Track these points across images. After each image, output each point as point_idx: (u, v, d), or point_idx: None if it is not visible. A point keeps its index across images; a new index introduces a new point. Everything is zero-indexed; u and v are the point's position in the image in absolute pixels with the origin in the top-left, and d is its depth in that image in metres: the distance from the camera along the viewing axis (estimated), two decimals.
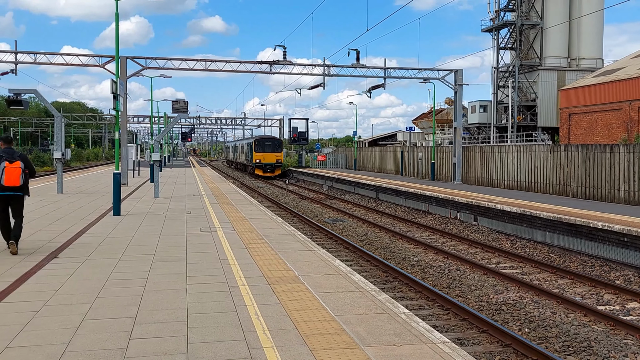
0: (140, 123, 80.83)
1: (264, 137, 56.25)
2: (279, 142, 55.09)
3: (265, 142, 53.37)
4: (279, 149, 53.41)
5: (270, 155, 52.34)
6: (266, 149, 52.47)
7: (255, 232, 12.94)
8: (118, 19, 16.76)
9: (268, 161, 52.21)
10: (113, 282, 8.10)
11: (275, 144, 53.44)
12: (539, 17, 53.62)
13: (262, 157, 52.12)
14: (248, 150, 56.37)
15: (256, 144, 52.68)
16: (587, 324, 9.49)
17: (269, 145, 52.85)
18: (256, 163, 52.16)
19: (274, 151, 52.65)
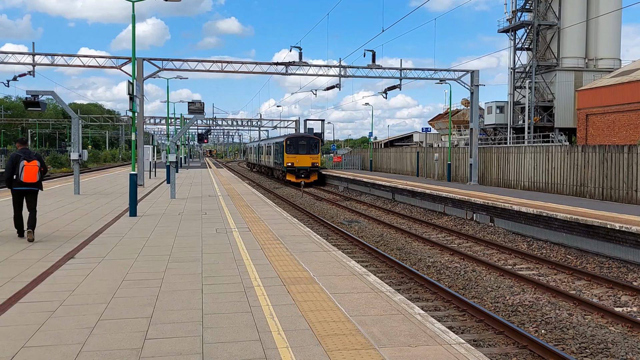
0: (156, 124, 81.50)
1: (298, 135, 46.96)
2: (316, 141, 45.25)
3: (299, 141, 44.53)
4: (316, 150, 44.39)
5: (304, 157, 43.74)
6: (300, 149, 43.91)
7: (270, 232, 12.97)
8: (135, 21, 16.92)
9: (302, 164, 43.58)
10: (129, 283, 8.17)
11: (311, 144, 44.46)
12: (556, 17, 53.10)
13: (295, 160, 43.33)
14: (277, 151, 47.23)
15: (288, 143, 43.92)
16: (604, 326, 9.37)
17: (303, 146, 44.17)
18: (287, 167, 43.49)
19: (310, 152, 43.98)
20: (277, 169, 48.39)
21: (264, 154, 58.01)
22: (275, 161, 48.30)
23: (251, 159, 74.53)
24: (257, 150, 65.97)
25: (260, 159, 61.27)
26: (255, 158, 68.39)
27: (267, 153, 54.49)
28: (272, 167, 51.18)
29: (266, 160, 55.78)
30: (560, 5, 52.94)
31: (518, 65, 55.00)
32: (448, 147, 36.79)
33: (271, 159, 51.59)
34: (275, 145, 48.29)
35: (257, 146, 66.82)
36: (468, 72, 33.06)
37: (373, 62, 32.52)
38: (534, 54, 52.61)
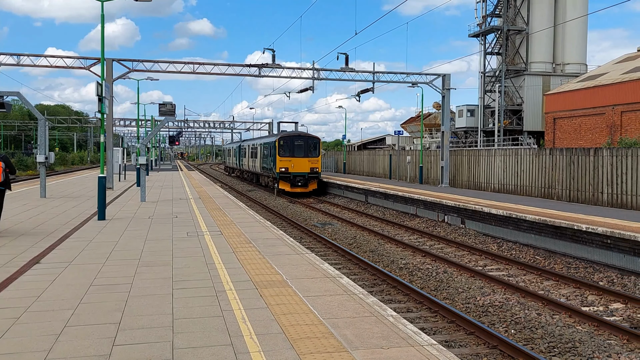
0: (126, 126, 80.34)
1: (294, 134, 37.94)
2: (316, 141, 37.09)
3: (294, 141, 36.37)
4: (315, 152, 36.68)
5: (302, 161, 35.73)
6: (296, 151, 35.95)
7: (243, 236, 12.87)
8: (104, 21, 16.64)
9: (299, 170, 35.55)
10: (97, 288, 8.00)
11: (310, 145, 36.51)
12: (525, 22, 54.14)
13: (290, 164, 35.51)
14: (266, 153, 39.27)
15: (281, 144, 35.90)
16: (572, 325, 9.54)
17: (300, 147, 36.17)
18: (281, 173, 35.49)
19: (308, 155, 36.08)
20: (265, 175, 40.40)
21: (247, 157, 48.94)
22: (264, 166, 39.78)
23: (230, 163, 65.15)
24: (238, 152, 56.15)
25: (243, 163, 52.18)
26: (235, 162, 58.85)
27: (252, 156, 45.74)
28: (259, 172, 42.56)
29: (251, 165, 46.89)
30: (529, 11, 54.00)
31: (488, 70, 55.88)
32: (420, 150, 37.14)
33: (257, 163, 43.04)
34: (264, 146, 39.76)
35: (237, 148, 56.73)
36: (439, 76, 33.44)
37: (346, 65, 32.64)
38: (504, 59, 53.51)
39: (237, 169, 57.57)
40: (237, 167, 56.87)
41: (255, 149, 44.17)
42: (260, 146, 42.11)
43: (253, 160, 45.46)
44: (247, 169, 49.70)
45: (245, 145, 51.43)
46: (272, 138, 38.78)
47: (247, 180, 50.92)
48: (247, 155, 49.23)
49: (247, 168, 49.43)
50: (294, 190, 35.04)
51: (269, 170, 38.24)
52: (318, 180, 36.67)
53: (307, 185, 35.58)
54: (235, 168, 59.96)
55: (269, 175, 38.67)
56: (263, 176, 41.88)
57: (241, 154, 53.57)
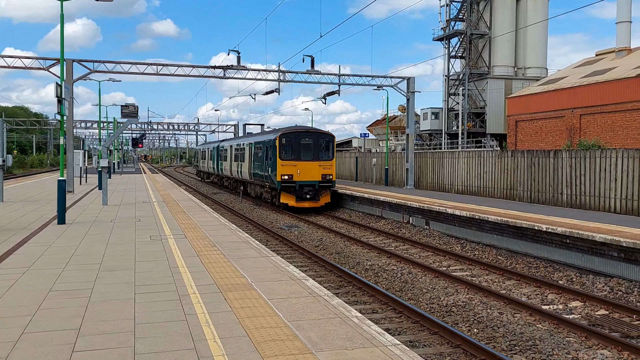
0: (88, 128, 78.66)
1: (300, 130, 28.62)
2: (329, 138, 28.37)
3: (301, 138, 27.54)
4: (329, 154, 27.82)
5: (311, 166, 27.21)
6: (304, 152, 27.37)
7: (207, 239, 12.75)
8: (63, 21, 16.28)
9: (308, 178, 27.01)
10: (56, 293, 7.81)
11: (321, 144, 27.76)
12: (487, 27, 55.23)
13: (296, 170, 26.92)
14: (260, 155, 30.04)
15: (283, 142, 27.23)
16: (532, 323, 9.76)
17: (308, 146, 27.53)
18: (284, 182, 26.77)
19: (320, 157, 27.49)
20: (257, 184, 31.41)
21: (230, 160, 39.16)
22: (256, 172, 30.73)
23: (205, 167, 54.05)
24: (216, 154, 45.91)
25: (223, 168, 42.21)
26: (212, 166, 47.89)
27: (237, 159, 36.44)
28: (248, 180, 33.47)
29: (235, 170, 37.18)
30: (491, 16, 55.13)
31: (452, 73, 56.78)
32: (385, 152, 37.45)
33: (245, 169, 33.82)
34: (257, 146, 30.87)
35: (216, 149, 46.11)
36: (404, 79, 33.81)
37: (312, 67, 32.70)
38: (467, 62, 54.48)
39: (214, 174, 47.98)
40: (215, 172, 46.99)
41: (242, 150, 34.86)
42: (249, 146, 32.76)
43: (238, 165, 36.15)
44: (229, 175, 40.01)
45: (226, 146, 41.42)
46: (268, 135, 29.39)
47: (229, 188, 41.68)
48: (229, 158, 39.55)
49: (229, 174, 39.71)
50: (301, 205, 26.49)
51: (264, 178, 28.89)
52: (331, 188, 27.65)
53: (317, 197, 26.67)
54: (211, 173, 50.64)
55: (263, 184, 29.49)
56: (254, 185, 32.40)
57: (220, 157, 43.60)
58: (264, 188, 30.35)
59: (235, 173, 37.16)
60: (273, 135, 28.27)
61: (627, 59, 40.52)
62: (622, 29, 42.53)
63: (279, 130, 29.44)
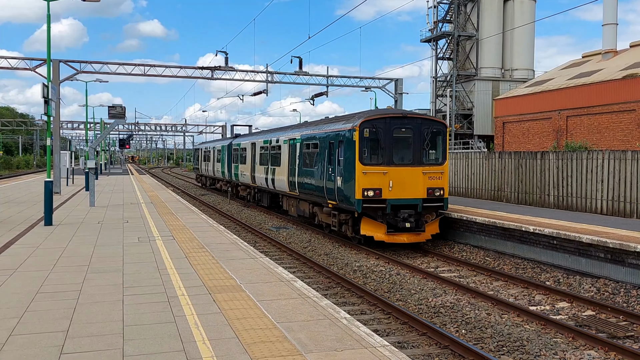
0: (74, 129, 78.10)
1: (392, 113, 17.66)
2: (439, 128, 17.39)
3: (393, 127, 16.75)
4: (438, 154, 17.44)
5: (412, 174, 16.72)
6: (399, 152, 16.86)
7: (195, 240, 12.71)
8: (50, 21, 16.15)
9: (406, 194, 16.59)
10: (44, 295, 7.75)
11: (424, 137, 16.98)
12: (475, 29, 55.60)
13: (387, 182, 16.37)
14: (319, 157, 19.12)
15: (367, 134, 16.47)
16: (520, 324, 9.84)
17: (405, 142, 16.96)
18: (366, 201, 16.18)
19: (425, 161, 17.07)
20: (309, 201, 20.61)
21: (252, 164, 28.46)
22: (306, 182, 20.20)
23: (210, 171, 41.99)
24: (228, 155, 34.88)
25: (240, 174, 31.41)
26: (221, 170, 36.87)
27: (267, 161, 25.38)
28: (290, 193, 22.39)
29: (262, 178, 26.29)
30: (479, 18, 55.50)
31: (440, 75, 57.08)
32: None
33: (282, 176, 23.06)
34: (309, 142, 20.22)
35: (227, 147, 35.21)
36: (392, 81, 33.94)
37: (300, 68, 32.74)
38: (455, 64, 54.79)
39: (224, 180, 37.14)
40: (225, 177, 36.15)
41: (276, 148, 24.16)
42: (291, 144, 22.21)
43: (268, 170, 25.23)
44: (248, 183, 29.72)
45: (244, 143, 30.68)
46: (333, 125, 18.51)
47: (247, 199, 31.31)
48: (250, 161, 28.79)
49: (249, 181, 29.30)
50: (396, 240, 16.33)
51: (323, 192, 18.26)
52: (442, 209, 17.41)
53: (421, 226, 16.62)
54: (217, 179, 39.99)
55: (320, 201, 18.82)
56: (298, 201, 21.88)
57: (235, 158, 32.91)
58: (320, 208, 19.42)
59: (262, 181, 26.19)
60: (344, 123, 17.42)
61: (613, 61, 40.99)
62: (609, 31, 43.02)
63: (355, 115, 17.69)
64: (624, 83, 34.92)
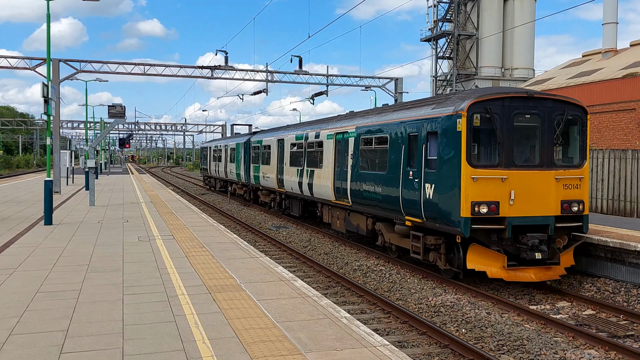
0: (74, 129, 78.14)
1: (511, 92, 11.85)
2: (576, 114, 12.11)
3: (515, 113, 11.54)
4: (576, 151, 12.30)
5: (539, 180, 11.58)
6: (521, 149, 11.92)
7: (195, 240, 12.70)
8: (49, 20, 16.14)
9: (533, 211, 11.48)
10: (43, 295, 7.74)
11: (554, 126, 11.82)
12: (475, 28, 55.58)
13: (508, 192, 11.27)
14: (389, 156, 13.89)
15: (477, 122, 11.25)
16: (520, 323, 9.83)
17: (530, 133, 11.96)
18: (476, 219, 11.15)
19: (557, 162, 12.06)
20: (371, 215, 15.51)
21: (279, 164, 23.76)
22: (373, 191, 14.80)
23: (221, 172, 36.67)
24: (245, 153, 29.75)
25: (262, 176, 26.24)
26: (236, 172, 31.77)
27: (301, 161, 20.96)
28: (335, 202, 17.74)
29: (294, 182, 21.70)
30: (479, 17, 55.49)
31: (440, 74, 57.08)
32: None
33: (326, 181, 18.40)
34: (374, 136, 15.05)
35: (244, 145, 30.10)
36: (392, 80, 33.93)
37: (300, 67, 32.73)
38: (455, 63, 54.79)
39: (239, 183, 32.15)
40: (241, 180, 30.98)
41: (315, 145, 19.63)
42: (339, 139, 17.59)
43: (299, 173, 20.83)
44: (272, 187, 24.74)
45: (266, 141, 25.88)
46: (419, 109, 13.29)
47: (270, 206, 26.42)
48: (276, 161, 23.89)
49: (273, 185, 24.33)
50: (520, 276, 11.70)
51: (400, 204, 13.46)
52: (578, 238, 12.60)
53: (553, 255, 11.89)
54: (230, 181, 34.79)
55: (390, 216, 14.24)
56: (350, 213, 17.07)
57: (253, 158, 28.05)
58: (387, 225, 14.69)
59: (293, 186, 21.41)
60: (435, 107, 12.51)
61: (613, 60, 40.97)
62: (609, 30, 43.00)
63: (451, 96, 12.61)
64: (625, 82, 34.93)
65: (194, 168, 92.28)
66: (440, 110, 12.07)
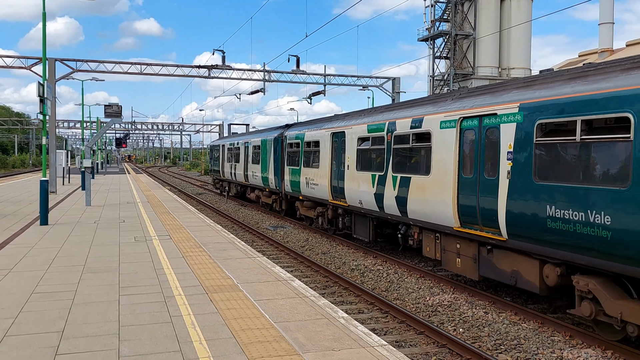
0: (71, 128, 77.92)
1: None
2: None
3: None
4: None
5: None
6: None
7: (192, 240, 12.66)
8: (45, 18, 16.07)
9: None
10: (39, 295, 7.70)
11: None
12: (472, 27, 55.61)
13: None
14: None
15: None
16: (517, 323, 9.82)
17: None
18: None
19: None
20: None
21: (355, 167, 15.86)
22: None
23: (241, 176, 30.27)
24: (288, 151, 22.29)
25: (306, 183, 19.93)
26: (268, 176, 24.88)
27: (405, 164, 13.33)
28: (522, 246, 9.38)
29: (389, 193, 13.71)
30: (476, 16, 55.53)
31: (437, 74, 57.08)
32: None
33: (448, 199, 11.19)
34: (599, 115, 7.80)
35: (273, 142, 24.40)
36: (389, 80, 33.93)
37: (297, 67, 32.70)
38: (452, 63, 54.81)
39: (267, 190, 25.55)
40: (272, 186, 24.38)
41: (420, 139, 12.65)
42: (473, 131, 10.73)
43: (379, 182, 14.39)
44: (324, 199, 18.44)
45: (311, 136, 19.72)
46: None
47: (336, 229, 18.92)
48: (331, 163, 17.91)
49: (324, 196, 18.36)
50: None
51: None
52: None
53: None
54: (254, 187, 28.02)
55: None
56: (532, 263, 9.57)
57: (290, 158, 21.96)
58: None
59: (364, 198, 15.25)
60: None
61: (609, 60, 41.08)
62: (605, 30, 43.09)
63: None
64: None
65: (191, 168, 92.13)
66: None
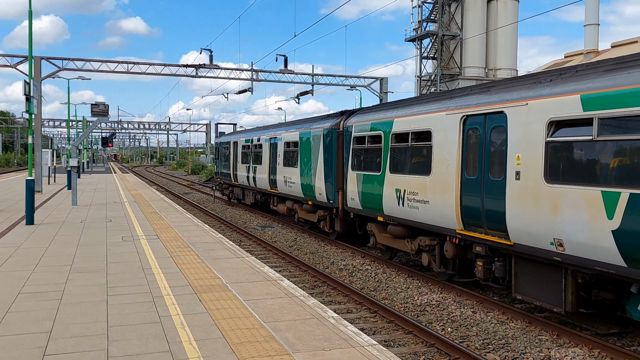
0: (56, 127, 77.20)
1: None
2: None
3: None
4: None
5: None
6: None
7: (180, 240, 12.60)
8: (31, 17, 15.90)
9: None
10: (26, 296, 7.62)
11: None
12: (459, 28, 55.95)
13: None
14: None
15: None
16: (505, 322, 9.89)
17: None
18: None
19: None
20: None
21: (526, 175, 8.73)
22: None
23: (263, 181, 23.31)
24: (324, 149, 16.81)
25: (394, 198, 12.68)
26: (308, 182, 18.12)
27: None
28: None
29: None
30: (463, 17, 55.87)
31: (424, 74, 57.35)
32: None
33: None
34: None
35: (327, 134, 16.64)
36: (377, 80, 34.02)
37: (285, 67, 32.67)
38: (439, 63, 55.10)
39: (303, 201, 19.22)
40: (322, 199, 17.17)
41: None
42: None
43: None
44: (405, 218, 12.52)
45: (414, 120, 12.08)
46: None
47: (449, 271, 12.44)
48: (454, 165, 10.59)
49: (405, 215, 12.46)
50: None
51: None
52: None
53: None
54: (282, 196, 21.73)
55: None
56: None
57: (355, 160, 15.10)
58: None
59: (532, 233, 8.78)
60: None
61: None
62: (590, 31, 43.56)
63: None
64: None
65: (177, 167, 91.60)
66: None
